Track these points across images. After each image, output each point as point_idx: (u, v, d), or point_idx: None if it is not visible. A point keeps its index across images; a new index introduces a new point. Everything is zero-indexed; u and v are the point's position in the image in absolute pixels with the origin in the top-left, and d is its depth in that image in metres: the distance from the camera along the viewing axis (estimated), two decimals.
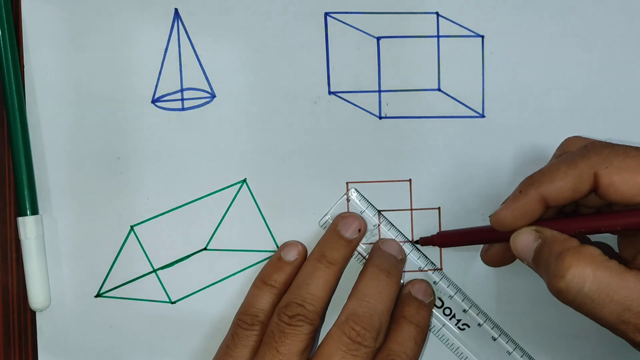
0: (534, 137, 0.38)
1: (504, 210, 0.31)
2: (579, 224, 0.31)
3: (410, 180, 0.38)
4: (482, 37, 0.37)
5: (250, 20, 0.37)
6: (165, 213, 0.37)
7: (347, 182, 0.38)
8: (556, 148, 0.34)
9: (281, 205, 0.38)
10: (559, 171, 0.30)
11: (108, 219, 0.37)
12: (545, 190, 0.30)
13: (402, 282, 0.37)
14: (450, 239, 0.36)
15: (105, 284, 0.37)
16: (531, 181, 0.31)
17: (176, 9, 0.37)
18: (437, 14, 0.37)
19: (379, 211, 0.38)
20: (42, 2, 0.37)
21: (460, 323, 0.38)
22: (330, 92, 0.38)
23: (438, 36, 0.37)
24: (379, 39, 0.37)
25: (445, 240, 0.36)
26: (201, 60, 0.37)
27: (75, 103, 0.37)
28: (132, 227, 0.37)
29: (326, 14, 0.37)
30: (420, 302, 0.36)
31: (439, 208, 0.38)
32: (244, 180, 0.38)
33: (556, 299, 0.29)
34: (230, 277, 0.38)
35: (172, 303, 0.38)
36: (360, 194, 0.38)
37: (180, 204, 0.37)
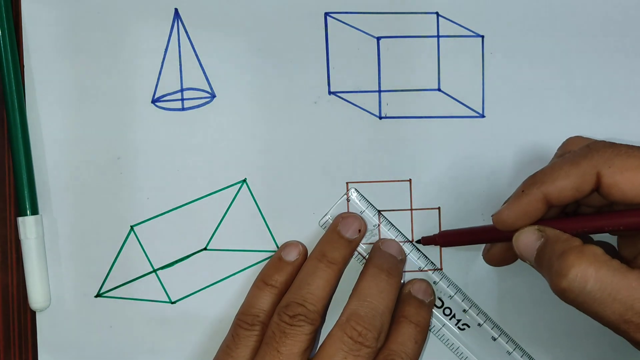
0: (534, 137, 0.38)
1: (506, 209, 0.31)
2: (582, 223, 0.31)
3: (410, 180, 0.38)
4: (482, 37, 0.37)
5: (250, 20, 0.37)
6: (165, 213, 0.37)
7: (347, 182, 0.38)
8: (557, 148, 0.34)
9: (281, 205, 0.38)
10: (561, 170, 0.30)
11: (108, 219, 0.37)
12: (548, 189, 0.30)
13: (402, 282, 0.37)
14: (452, 239, 0.36)
15: (105, 284, 0.37)
16: (533, 181, 0.30)
17: (176, 9, 0.37)
18: (437, 14, 0.37)
19: (379, 211, 0.38)
20: (42, 2, 0.37)
21: (460, 323, 0.38)
22: (330, 92, 0.38)
23: (438, 36, 0.37)
24: (379, 39, 0.37)
25: (447, 240, 0.36)
26: (201, 60, 0.37)
27: (75, 103, 0.37)
28: (132, 227, 0.37)
29: (326, 14, 0.37)
30: (420, 301, 0.36)
31: (439, 208, 0.38)
32: (244, 180, 0.38)
33: (556, 299, 0.29)
34: (230, 277, 0.38)
35: (172, 303, 0.38)
36: (360, 194, 0.38)
37: (180, 204, 0.37)
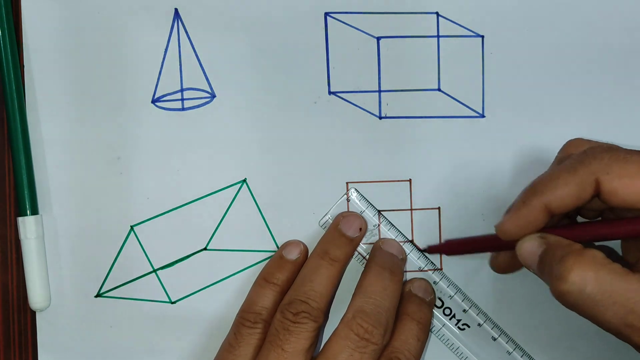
0: (533, 137, 0.38)
1: (508, 220, 0.31)
2: (586, 231, 0.31)
3: (410, 180, 0.38)
4: (482, 37, 0.37)
5: (250, 20, 0.37)
6: (165, 213, 0.37)
7: (347, 182, 0.38)
8: (558, 151, 0.34)
9: (281, 205, 0.38)
10: (559, 179, 0.29)
11: (108, 219, 0.37)
12: (548, 199, 0.29)
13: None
14: (458, 248, 0.36)
15: (105, 284, 0.37)
16: (533, 191, 0.30)
17: (176, 9, 0.37)
18: (437, 14, 0.37)
19: (379, 211, 0.38)
20: (42, 2, 0.37)
21: (460, 323, 0.38)
22: (330, 92, 0.38)
23: (438, 36, 0.37)
24: (379, 39, 0.37)
25: (453, 249, 0.36)
26: (201, 60, 0.37)
27: (75, 103, 0.37)
28: (132, 227, 0.37)
29: (326, 14, 0.37)
30: (421, 299, 0.36)
31: (439, 208, 0.38)
32: (244, 180, 0.38)
33: (555, 300, 0.29)
34: (230, 277, 0.38)
35: (172, 303, 0.38)
36: (360, 194, 0.38)
37: (180, 204, 0.37)
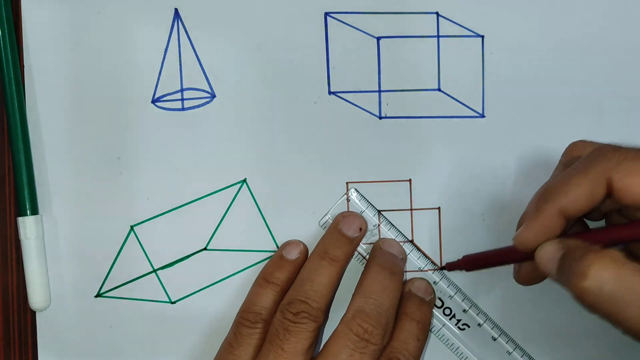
0: (534, 137, 0.38)
1: (525, 231, 0.30)
2: (602, 235, 0.30)
3: (410, 180, 0.38)
4: (482, 37, 0.37)
5: (250, 20, 0.37)
6: (165, 213, 0.37)
7: (347, 182, 0.38)
8: (557, 150, 0.34)
9: (281, 205, 0.38)
10: (571, 182, 0.29)
11: (108, 219, 0.37)
12: (562, 203, 0.29)
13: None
14: (476, 262, 0.35)
15: (105, 284, 0.37)
16: (545, 197, 0.30)
17: (176, 9, 0.37)
18: (437, 14, 0.37)
19: (379, 211, 0.38)
20: (42, 2, 0.37)
21: (460, 323, 0.38)
22: (330, 92, 0.38)
23: (438, 36, 0.37)
24: (379, 39, 0.37)
25: (471, 264, 0.35)
26: (201, 60, 0.37)
27: (75, 103, 0.37)
28: (132, 227, 0.37)
29: (326, 14, 0.37)
30: (421, 299, 0.36)
31: (439, 208, 0.38)
32: (244, 180, 0.38)
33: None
34: (230, 277, 0.38)
35: (172, 303, 0.38)
36: (360, 194, 0.38)
37: (180, 204, 0.37)
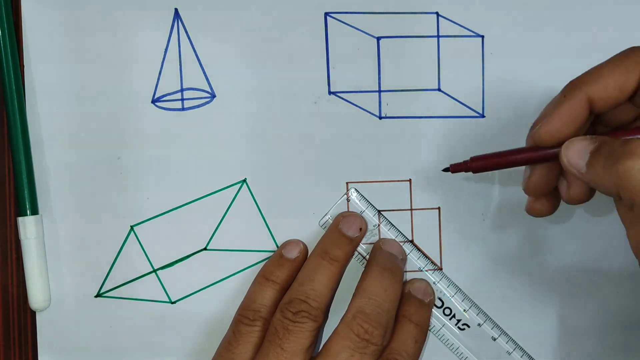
0: None
1: (551, 121, 0.29)
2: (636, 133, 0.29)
3: (410, 180, 0.38)
4: (482, 37, 0.37)
5: (250, 20, 0.37)
6: (165, 213, 0.37)
7: (347, 182, 0.38)
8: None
9: (281, 205, 0.38)
10: (603, 69, 0.29)
11: (108, 219, 0.37)
12: (591, 90, 0.28)
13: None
14: (486, 163, 0.33)
15: (105, 284, 0.37)
16: (575, 83, 0.29)
17: (176, 9, 0.37)
18: (437, 14, 0.37)
19: (379, 211, 0.38)
20: (42, 2, 0.37)
21: (460, 323, 0.38)
22: (330, 92, 0.38)
23: (438, 36, 0.37)
24: (379, 39, 0.37)
25: (480, 165, 0.33)
26: (201, 60, 0.37)
27: (75, 103, 0.37)
28: (132, 227, 0.37)
29: (326, 14, 0.37)
30: (420, 301, 0.36)
31: (439, 208, 0.38)
32: (244, 180, 0.38)
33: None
34: (230, 277, 0.38)
35: (172, 303, 0.38)
36: (360, 194, 0.38)
37: (180, 204, 0.37)
